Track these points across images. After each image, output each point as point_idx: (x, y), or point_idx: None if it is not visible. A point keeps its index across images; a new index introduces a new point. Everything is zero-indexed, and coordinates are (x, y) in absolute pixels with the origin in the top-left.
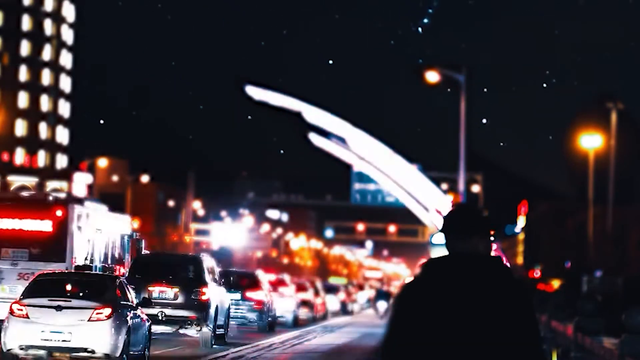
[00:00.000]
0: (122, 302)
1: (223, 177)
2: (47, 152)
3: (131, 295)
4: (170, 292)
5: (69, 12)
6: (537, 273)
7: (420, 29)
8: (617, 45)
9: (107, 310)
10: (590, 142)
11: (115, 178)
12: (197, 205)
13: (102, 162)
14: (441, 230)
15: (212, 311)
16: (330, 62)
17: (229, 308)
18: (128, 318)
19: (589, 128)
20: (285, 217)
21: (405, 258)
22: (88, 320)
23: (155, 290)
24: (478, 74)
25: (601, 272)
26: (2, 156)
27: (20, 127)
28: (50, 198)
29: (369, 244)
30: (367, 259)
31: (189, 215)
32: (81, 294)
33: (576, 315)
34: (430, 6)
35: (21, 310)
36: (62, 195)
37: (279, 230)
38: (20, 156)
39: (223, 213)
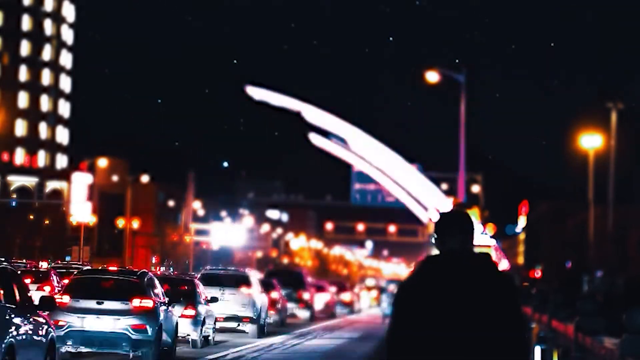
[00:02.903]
0: None
1: (223, 177)
2: (47, 152)
3: None
4: None
5: (69, 12)
6: (537, 273)
7: None
8: (617, 45)
9: None
10: (590, 142)
11: (115, 178)
12: (197, 205)
13: (102, 162)
14: (434, 232)
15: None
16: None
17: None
18: None
19: (589, 128)
20: (285, 217)
21: (405, 258)
22: None
23: None
24: (478, 74)
25: (602, 272)
26: (2, 156)
27: (20, 127)
28: None
29: (369, 244)
30: (367, 259)
31: (189, 215)
32: None
33: (577, 315)
34: None
35: None
36: None
37: (279, 230)
38: (20, 156)
39: (223, 213)
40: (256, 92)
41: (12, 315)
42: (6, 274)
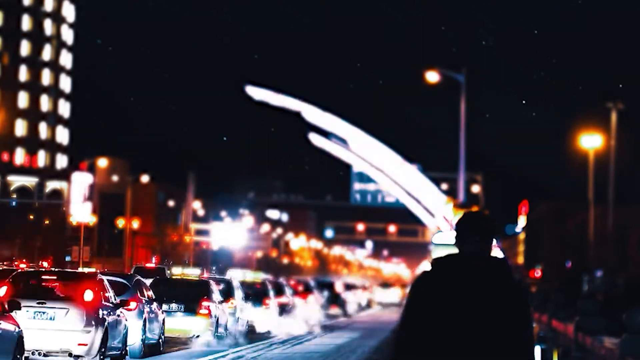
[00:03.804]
0: None
1: (223, 177)
2: (47, 152)
3: None
4: None
5: (69, 12)
6: (537, 273)
7: None
8: (617, 45)
9: None
10: (590, 142)
11: (115, 178)
12: (197, 205)
13: (102, 162)
14: (455, 232)
15: None
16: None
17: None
18: None
19: (589, 128)
20: (285, 217)
21: (405, 258)
22: None
23: None
24: (478, 74)
25: (602, 272)
26: (2, 156)
27: (20, 127)
28: None
29: (369, 244)
30: (367, 259)
31: (189, 215)
32: None
33: (577, 315)
34: None
35: None
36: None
37: (279, 230)
38: (20, 156)
39: (223, 213)
40: (256, 92)
41: None
42: None
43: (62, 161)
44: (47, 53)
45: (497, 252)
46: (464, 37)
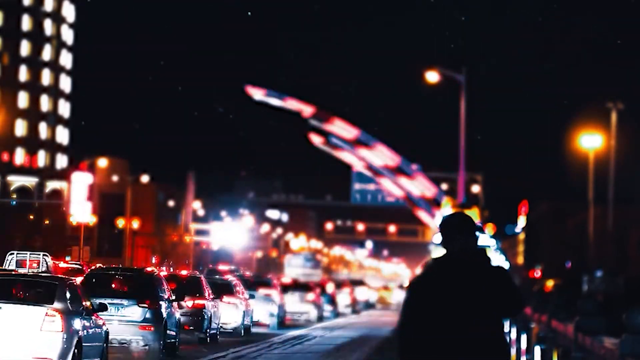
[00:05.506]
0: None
1: (223, 177)
2: (47, 152)
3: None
4: None
5: (69, 12)
6: (537, 273)
7: None
8: (617, 45)
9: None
10: (590, 142)
11: (115, 178)
12: (197, 205)
13: (102, 162)
14: (440, 234)
15: None
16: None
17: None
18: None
19: (589, 128)
20: (285, 217)
21: (405, 258)
22: None
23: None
24: (478, 74)
25: (602, 272)
26: (2, 156)
27: (20, 127)
28: None
29: (369, 244)
30: (367, 259)
31: (189, 215)
32: None
33: (577, 315)
34: None
35: None
36: None
37: (279, 230)
38: (20, 156)
39: (223, 213)
40: (256, 92)
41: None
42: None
43: (62, 161)
44: (47, 53)
45: (495, 254)
46: (464, 37)
